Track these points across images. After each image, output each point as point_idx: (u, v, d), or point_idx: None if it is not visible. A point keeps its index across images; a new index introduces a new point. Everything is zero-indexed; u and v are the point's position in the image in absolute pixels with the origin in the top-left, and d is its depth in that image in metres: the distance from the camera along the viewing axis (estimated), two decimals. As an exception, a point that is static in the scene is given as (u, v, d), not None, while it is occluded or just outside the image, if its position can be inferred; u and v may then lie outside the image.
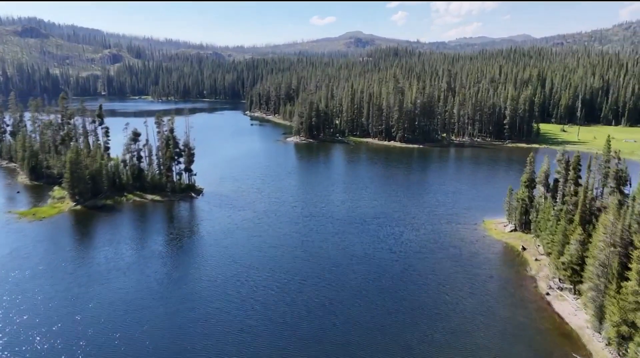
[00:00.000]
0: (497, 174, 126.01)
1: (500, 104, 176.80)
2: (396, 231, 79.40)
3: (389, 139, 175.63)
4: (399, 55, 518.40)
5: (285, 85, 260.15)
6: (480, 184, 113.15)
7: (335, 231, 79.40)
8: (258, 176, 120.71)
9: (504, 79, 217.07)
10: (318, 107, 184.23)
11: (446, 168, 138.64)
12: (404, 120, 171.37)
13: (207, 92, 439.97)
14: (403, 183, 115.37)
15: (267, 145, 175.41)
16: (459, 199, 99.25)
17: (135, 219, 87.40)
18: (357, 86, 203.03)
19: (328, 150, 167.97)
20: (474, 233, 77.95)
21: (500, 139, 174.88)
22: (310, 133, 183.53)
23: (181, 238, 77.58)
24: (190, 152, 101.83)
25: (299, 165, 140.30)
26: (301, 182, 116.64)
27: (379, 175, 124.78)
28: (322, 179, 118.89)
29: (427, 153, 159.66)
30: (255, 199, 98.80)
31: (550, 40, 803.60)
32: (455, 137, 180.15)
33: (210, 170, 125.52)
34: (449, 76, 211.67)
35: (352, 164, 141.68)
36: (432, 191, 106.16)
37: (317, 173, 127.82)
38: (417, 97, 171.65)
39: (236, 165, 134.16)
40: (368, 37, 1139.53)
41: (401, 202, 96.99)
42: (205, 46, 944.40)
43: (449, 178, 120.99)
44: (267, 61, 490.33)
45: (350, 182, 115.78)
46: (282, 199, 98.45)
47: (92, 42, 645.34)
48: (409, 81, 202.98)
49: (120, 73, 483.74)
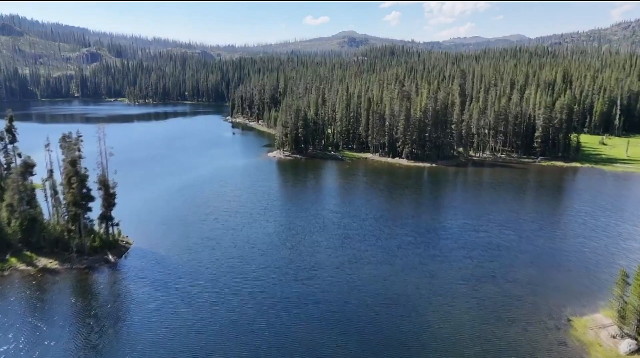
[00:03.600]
0: (555, 213, 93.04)
1: (530, 112, 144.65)
2: (417, 327, 46.71)
3: (393, 155, 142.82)
4: (396, 54, 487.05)
5: (270, 87, 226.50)
6: (532, 232, 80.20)
7: (325, 334, 46.53)
8: (221, 214, 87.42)
9: (523, 81, 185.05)
10: (306, 116, 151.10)
11: (472, 199, 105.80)
12: (412, 132, 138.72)
13: (189, 94, 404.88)
14: (415, 227, 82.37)
15: (244, 162, 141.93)
16: (507, 261, 66.60)
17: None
18: (353, 89, 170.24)
19: (318, 169, 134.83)
20: (564, 353, 45.21)
21: (530, 155, 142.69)
22: (296, 147, 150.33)
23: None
24: (109, 192, 68.29)
25: (279, 195, 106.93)
26: (280, 226, 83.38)
27: (383, 213, 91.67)
28: (309, 220, 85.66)
29: (441, 174, 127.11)
30: (212, 260, 65.65)
31: (547, 40, 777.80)
32: (474, 152, 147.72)
33: (155, 206, 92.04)
34: (461, 78, 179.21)
35: (348, 193, 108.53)
36: (462, 244, 73.33)
37: (302, 209, 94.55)
38: (427, 104, 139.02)
39: (194, 196, 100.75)
40: (362, 37, 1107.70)
41: (419, 269, 64.17)
42: (194, 44, 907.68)
43: (481, 217, 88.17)
44: (255, 60, 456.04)
45: (346, 226, 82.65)
46: (251, 263, 65.37)
47: (70, 40, 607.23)
48: (414, 84, 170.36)
49: (96, 73, 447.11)
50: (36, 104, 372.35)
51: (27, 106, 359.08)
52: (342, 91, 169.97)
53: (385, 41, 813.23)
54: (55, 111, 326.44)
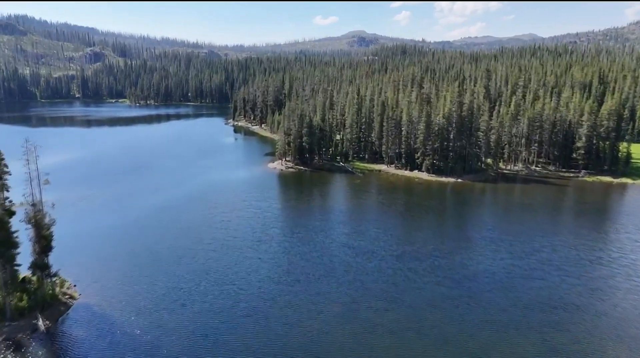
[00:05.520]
0: (626, 251, 73.40)
1: (570, 118, 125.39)
2: None
3: (411, 168, 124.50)
4: (408, 53, 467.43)
5: (273, 88, 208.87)
6: (604, 281, 61.37)
7: None
8: (203, 249, 69.86)
9: (554, 82, 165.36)
10: (312, 122, 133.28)
11: (513, 227, 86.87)
12: (434, 141, 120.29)
13: (192, 95, 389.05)
14: (449, 271, 64.00)
15: (240, 175, 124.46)
16: (582, 331, 48.22)
17: None
18: (365, 92, 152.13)
19: (324, 185, 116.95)
20: None
21: (570, 168, 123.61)
22: (300, 157, 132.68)
23: None
24: (42, 233, 51.00)
25: (278, 220, 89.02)
26: (276, 267, 65.57)
27: (405, 249, 73.39)
28: (312, 259, 67.79)
29: (469, 191, 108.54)
30: (180, 325, 48.17)
31: (561, 39, 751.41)
32: (505, 164, 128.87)
33: (123, 236, 74.63)
34: (487, 78, 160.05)
35: (361, 218, 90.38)
36: (514, 298, 54.90)
37: (304, 241, 76.63)
38: (451, 109, 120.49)
39: (174, 222, 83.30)
40: (371, 36, 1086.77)
41: (463, 345, 46.10)
42: (201, 44, 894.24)
43: (530, 255, 69.51)
44: (262, 60, 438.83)
45: (359, 269, 64.68)
46: (231, 332, 47.78)
47: (74, 40, 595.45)
48: (434, 86, 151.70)
49: (98, 73, 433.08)
50: (35, 106, 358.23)
51: (25, 107, 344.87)
52: (352, 93, 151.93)
53: (395, 41, 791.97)
54: (52, 112, 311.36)
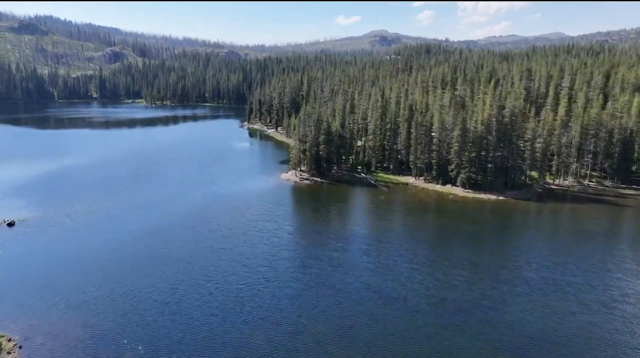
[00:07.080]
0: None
1: (631, 126, 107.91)
2: None
3: (444, 182, 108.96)
4: (432, 52, 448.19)
5: (290, 89, 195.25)
6: None
7: None
8: (194, 292, 56.38)
9: (602, 85, 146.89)
10: (330, 128, 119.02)
11: (576, 263, 70.61)
12: (470, 151, 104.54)
13: (209, 95, 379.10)
14: (509, 335, 48.97)
15: (249, 187, 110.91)
16: None
17: None
18: (390, 94, 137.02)
19: (344, 202, 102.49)
20: None
21: (631, 183, 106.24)
22: (317, 167, 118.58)
23: None
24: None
25: (288, 249, 74.89)
26: (283, 324, 51.65)
27: (446, 295, 58.32)
28: (329, 310, 53.62)
29: (513, 211, 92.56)
30: None
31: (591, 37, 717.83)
32: (552, 179, 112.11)
33: (94, 271, 61.44)
34: (527, 79, 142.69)
35: (387, 247, 75.41)
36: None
37: (318, 280, 62.39)
38: (491, 115, 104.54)
39: (165, 249, 70.17)
40: (393, 35, 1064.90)
41: None
42: (222, 44, 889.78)
43: (614, 307, 53.94)
44: (281, 60, 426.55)
45: (387, 329, 50.25)
46: None
47: (95, 40, 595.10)
48: (469, 88, 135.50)
49: (116, 73, 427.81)
50: (53, 106, 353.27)
51: (42, 107, 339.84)
52: (375, 95, 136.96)
53: (417, 40, 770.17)
54: (67, 114, 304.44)
